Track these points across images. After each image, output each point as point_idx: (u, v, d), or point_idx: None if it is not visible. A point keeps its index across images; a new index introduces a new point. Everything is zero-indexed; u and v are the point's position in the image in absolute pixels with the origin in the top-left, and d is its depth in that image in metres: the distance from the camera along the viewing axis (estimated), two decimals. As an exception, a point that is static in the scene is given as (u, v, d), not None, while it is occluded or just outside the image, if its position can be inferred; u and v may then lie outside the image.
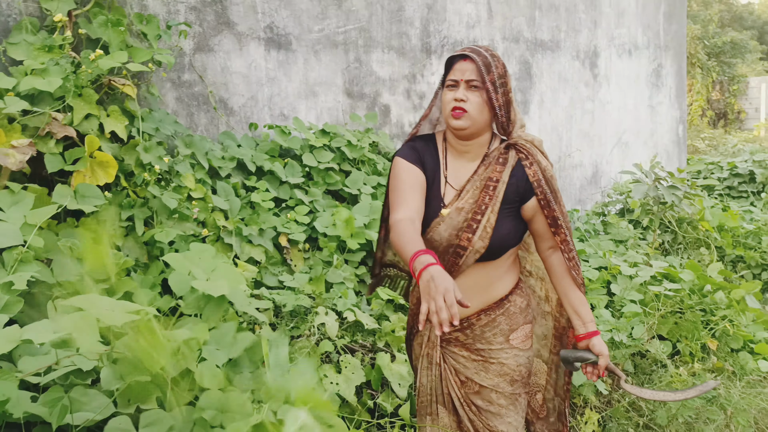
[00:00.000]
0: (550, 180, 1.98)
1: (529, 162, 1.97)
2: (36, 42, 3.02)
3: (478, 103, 1.94)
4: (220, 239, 3.36)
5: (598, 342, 2.03)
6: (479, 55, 1.94)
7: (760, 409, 3.18)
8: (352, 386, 2.78)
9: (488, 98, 1.94)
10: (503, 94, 1.95)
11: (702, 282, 3.98)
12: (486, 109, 1.96)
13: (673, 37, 7.65)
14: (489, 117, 1.98)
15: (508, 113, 1.98)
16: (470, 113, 1.94)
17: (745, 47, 19.73)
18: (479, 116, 1.95)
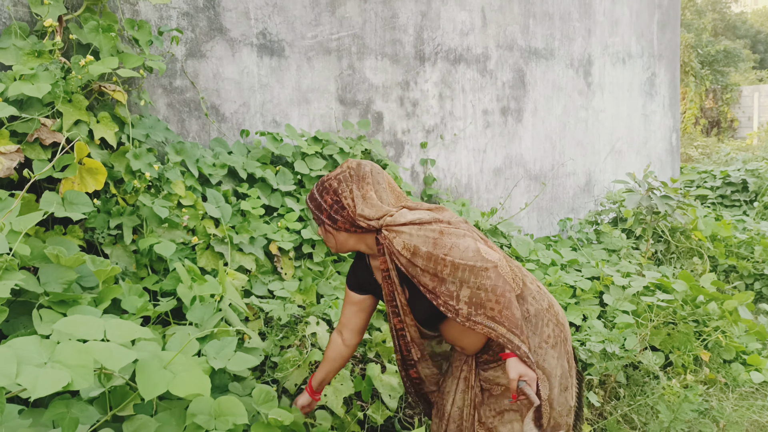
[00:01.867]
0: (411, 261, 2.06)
1: (389, 254, 2.13)
2: (25, 47, 2.98)
3: (330, 238, 2.23)
4: (210, 247, 3.33)
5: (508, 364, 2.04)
6: (311, 199, 2.23)
7: (753, 421, 3.17)
8: (340, 398, 2.75)
9: (335, 229, 2.19)
10: (341, 217, 2.14)
11: (695, 292, 3.97)
12: (340, 236, 2.20)
13: (667, 46, 7.66)
14: (349, 236, 2.20)
15: (355, 225, 2.14)
16: (336, 245, 2.25)
17: (738, 56, 19.83)
18: (343, 244, 2.23)
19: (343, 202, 2.14)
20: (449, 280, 2.02)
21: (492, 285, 2.01)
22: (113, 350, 1.53)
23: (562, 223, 6.12)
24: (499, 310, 2.01)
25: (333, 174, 2.20)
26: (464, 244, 2.04)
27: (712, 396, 3.33)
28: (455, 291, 2.02)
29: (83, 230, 3.02)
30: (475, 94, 5.51)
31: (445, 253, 2.02)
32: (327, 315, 3.30)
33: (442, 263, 2.02)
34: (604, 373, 3.33)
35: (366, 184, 2.17)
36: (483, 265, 2.02)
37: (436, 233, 2.06)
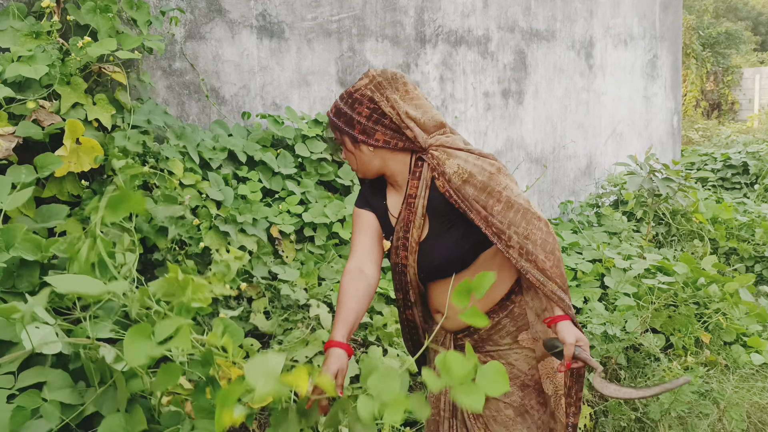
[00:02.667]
0: (460, 188, 1.88)
1: (436, 173, 1.91)
2: (23, 28, 2.96)
3: (359, 158, 1.98)
4: (214, 227, 3.32)
5: (562, 328, 1.85)
6: (338, 114, 1.96)
7: (753, 402, 3.18)
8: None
9: (368, 146, 1.94)
10: (382, 129, 1.91)
11: (696, 275, 3.97)
12: (372, 155, 1.96)
13: (669, 28, 7.61)
14: (383, 155, 1.96)
15: (400, 136, 1.92)
16: (359, 168, 2.02)
17: (740, 38, 19.73)
18: (368, 165, 1.99)
19: (383, 109, 1.90)
20: (498, 219, 1.85)
21: (542, 238, 1.86)
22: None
23: (563, 205, 6.12)
24: (551, 266, 1.86)
25: (360, 85, 1.94)
26: (517, 190, 1.90)
27: (712, 378, 3.34)
28: (505, 231, 1.85)
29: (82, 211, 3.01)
30: (476, 77, 5.48)
31: (501, 189, 1.86)
32: (328, 298, 3.30)
33: (496, 196, 1.85)
34: (605, 355, 3.34)
35: (406, 85, 1.95)
36: (536, 213, 1.88)
37: (494, 168, 1.90)
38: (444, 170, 1.88)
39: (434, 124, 1.94)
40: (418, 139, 1.91)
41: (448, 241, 1.97)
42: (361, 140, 1.92)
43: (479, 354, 2.09)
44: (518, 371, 2.05)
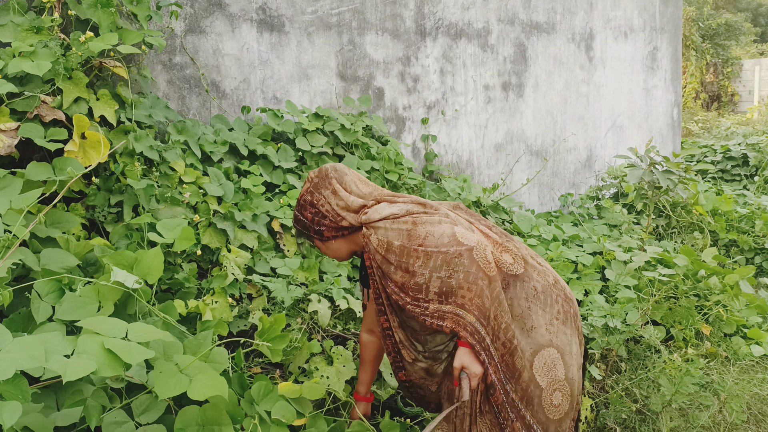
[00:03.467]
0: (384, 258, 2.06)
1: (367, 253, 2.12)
2: (24, 23, 2.96)
3: (329, 249, 2.25)
4: (213, 225, 3.33)
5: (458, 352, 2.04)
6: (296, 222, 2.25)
7: (753, 394, 3.19)
8: (342, 380, 2.76)
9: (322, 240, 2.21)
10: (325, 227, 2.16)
11: (696, 267, 3.98)
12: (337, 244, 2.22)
13: (669, 20, 7.60)
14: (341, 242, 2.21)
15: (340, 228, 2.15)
16: (332, 256, 2.29)
17: (740, 29, 19.66)
18: (338, 252, 2.26)
19: (321, 210, 2.15)
20: (419, 272, 1.99)
21: (465, 271, 1.97)
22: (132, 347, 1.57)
23: (564, 198, 6.12)
24: (470, 298, 1.97)
25: (303, 190, 2.21)
26: (439, 231, 2.02)
27: (713, 369, 3.35)
28: (424, 283, 1.99)
29: (85, 208, 3.02)
30: (476, 69, 5.47)
31: (419, 244, 2.00)
32: (329, 292, 3.30)
33: (414, 255, 2.00)
34: (605, 347, 3.35)
35: (332, 181, 2.17)
36: (456, 250, 1.98)
37: (409, 224, 2.04)
38: (370, 248, 2.09)
39: (358, 206, 2.15)
40: (353, 223, 2.14)
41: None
42: (316, 239, 2.21)
43: None
44: None
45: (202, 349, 1.93)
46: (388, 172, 4.34)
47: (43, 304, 2.03)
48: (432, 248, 1.98)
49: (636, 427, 3.01)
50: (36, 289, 2.06)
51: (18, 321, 2.02)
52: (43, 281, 2.08)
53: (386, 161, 4.37)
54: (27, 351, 1.45)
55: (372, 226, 2.08)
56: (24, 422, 1.61)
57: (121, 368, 1.52)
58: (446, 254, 1.97)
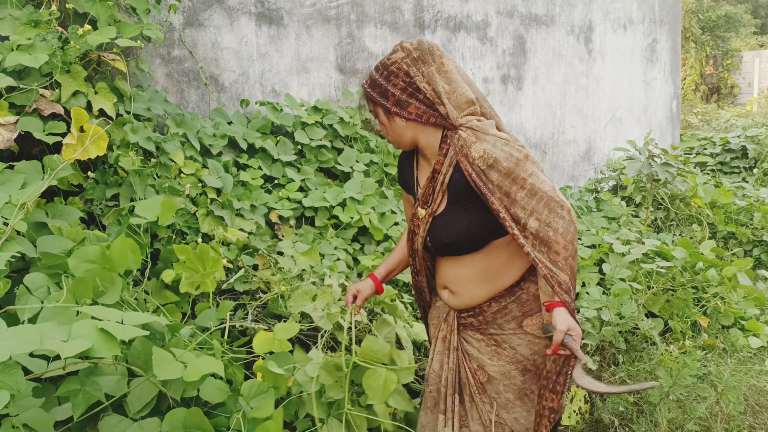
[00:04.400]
0: (484, 172, 1.88)
1: (462, 155, 1.92)
2: (22, 17, 2.95)
3: (392, 129, 2.03)
4: (211, 213, 3.33)
5: (556, 314, 1.87)
6: (372, 86, 2.01)
7: (751, 386, 3.21)
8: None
9: (401, 118, 1.98)
10: (416, 102, 1.95)
11: (694, 259, 3.99)
12: (405, 127, 2.00)
13: (669, 12, 7.58)
14: (414, 128, 2.00)
15: (433, 111, 1.95)
16: (392, 139, 2.07)
17: (739, 21, 19.62)
18: (401, 137, 2.04)
19: (417, 83, 1.93)
20: (520, 204, 1.86)
21: (564, 227, 1.86)
22: (125, 327, 1.57)
23: (562, 191, 6.12)
24: (565, 257, 1.86)
25: (395, 58, 1.96)
26: (543, 177, 1.90)
27: (710, 361, 3.37)
28: (523, 218, 1.85)
29: (83, 202, 3.03)
30: (475, 62, 5.47)
31: (526, 176, 1.86)
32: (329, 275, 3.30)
33: (521, 183, 1.85)
34: (601, 339, 3.36)
35: (441, 58, 1.95)
36: (560, 201, 1.88)
37: (521, 155, 1.89)
38: (469, 152, 1.89)
39: (465, 101, 1.95)
40: (450, 117, 1.93)
41: (461, 221, 2.00)
42: (394, 112, 1.96)
43: (483, 336, 2.12)
44: (520, 356, 2.07)
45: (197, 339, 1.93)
46: (387, 165, 4.34)
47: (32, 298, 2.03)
48: (538, 185, 1.86)
49: (633, 419, 3.03)
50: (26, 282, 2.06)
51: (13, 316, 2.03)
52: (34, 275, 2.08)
53: (385, 154, 4.38)
54: (22, 337, 1.45)
55: (477, 134, 1.90)
56: (23, 419, 1.61)
57: (117, 348, 1.52)
58: (550, 200, 1.86)
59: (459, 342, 2.17)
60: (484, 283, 2.07)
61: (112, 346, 1.50)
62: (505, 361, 2.09)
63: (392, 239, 3.89)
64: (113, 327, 1.54)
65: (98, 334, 1.50)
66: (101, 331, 1.52)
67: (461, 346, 2.17)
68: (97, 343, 1.48)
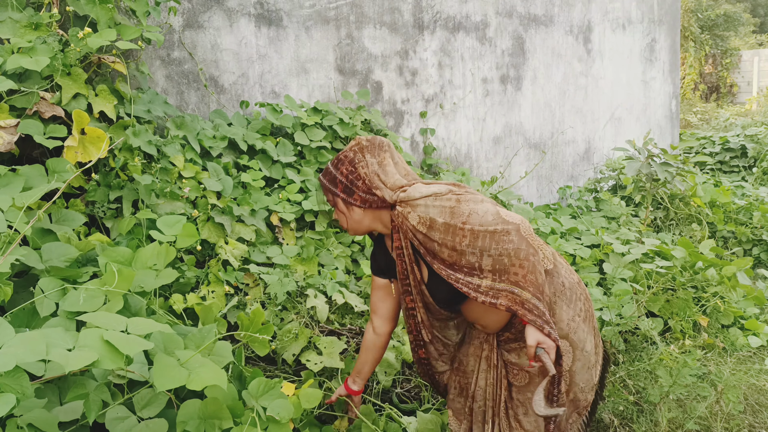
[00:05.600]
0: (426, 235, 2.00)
1: (403, 231, 2.07)
2: (22, 19, 2.96)
3: (350, 217, 2.15)
4: (211, 219, 3.34)
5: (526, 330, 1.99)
6: (325, 174, 2.16)
7: (750, 384, 3.21)
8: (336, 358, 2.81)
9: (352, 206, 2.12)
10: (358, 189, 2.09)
11: (694, 259, 4.00)
12: (362, 214, 2.13)
13: (667, 11, 7.59)
14: (370, 214, 2.14)
15: (372, 196, 2.09)
16: (350, 227, 2.19)
17: (738, 20, 19.62)
18: (358, 224, 2.17)
19: (359, 171, 2.08)
20: (468, 251, 1.94)
21: (515, 249, 1.93)
22: (131, 339, 1.58)
23: (562, 191, 6.13)
24: (523, 275, 1.93)
25: (347, 148, 2.13)
26: (483, 209, 1.97)
27: (710, 360, 3.37)
28: (476, 262, 1.95)
29: (84, 204, 3.03)
30: (474, 63, 5.48)
31: (464, 221, 1.94)
32: (324, 287, 3.31)
33: (460, 233, 1.94)
34: (602, 339, 3.37)
35: (383, 152, 2.11)
36: (504, 227, 1.94)
37: (453, 201, 1.98)
38: (407, 225, 2.03)
39: (398, 186, 2.09)
40: (386, 198, 2.07)
41: (442, 285, 2.12)
42: (342, 198, 2.11)
43: (519, 342, 2.21)
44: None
45: (204, 343, 1.94)
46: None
47: (46, 300, 2.05)
48: (477, 227, 1.94)
49: (634, 419, 3.04)
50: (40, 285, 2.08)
51: (21, 317, 2.04)
52: (47, 279, 2.10)
53: (385, 155, 4.38)
54: (29, 345, 1.47)
55: (410, 204, 2.02)
56: (28, 419, 1.63)
57: (121, 360, 1.54)
58: (494, 233, 1.93)
59: (499, 357, 2.29)
60: (491, 317, 2.18)
61: (116, 358, 1.51)
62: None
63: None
64: (119, 339, 1.55)
65: (103, 346, 1.52)
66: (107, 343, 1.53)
67: (503, 358, 2.28)
68: (102, 355, 1.49)
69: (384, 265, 2.30)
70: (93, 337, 1.55)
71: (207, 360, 1.81)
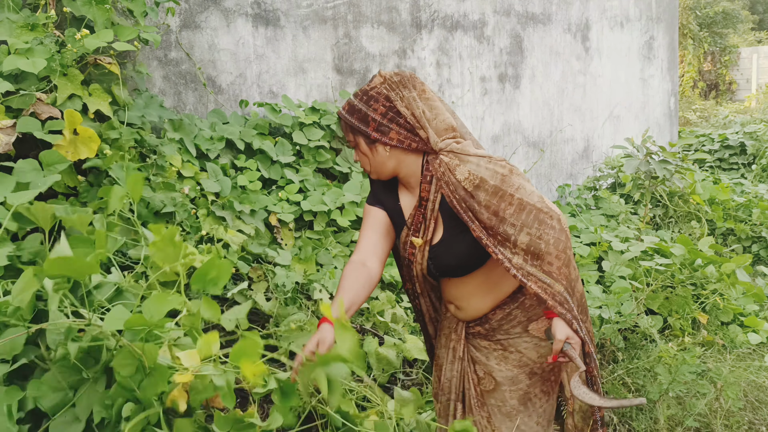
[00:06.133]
0: (470, 194, 1.86)
1: (444, 181, 1.89)
2: (19, 20, 2.95)
3: (373, 159, 1.96)
4: (212, 213, 3.33)
5: (555, 323, 1.88)
6: (351, 111, 1.94)
7: (750, 381, 3.21)
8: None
9: (383, 145, 1.92)
10: (397, 128, 1.90)
11: (693, 256, 4.00)
12: (387, 155, 1.94)
13: (666, 9, 7.59)
14: (397, 156, 1.95)
15: (414, 136, 1.91)
16: (373, 169, 1.99)
17: (737, 17, 19.64)
18: (382, 166, 1.97)
19: (398, 107, 1.88)
20: (509, 221, 1.83)
21: (555, 237, 1.85)
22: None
23: (561, 189, 6.13)
24: (558, 267, 1.86)
25: (376, 83, 1.93)
26: (530, 188, 1.88)
27: (709, 358, 3.37)
28: (513, 235, 1.83)
29: (80, 205, 3.03)
30: (472, 61, 5.47)
31: (513, 191, 1.84)
32: (324, 286, 3.31)
33: (508, 200, 1.83)
34: (601, 337, 3.37)
35: (421, 85, 1.93)
36: (549, 211, 1.86)
37: (506, 170, 1.87)
38: (450, 178, 1.87)
39: (445, 127, 1.93)
40: (431, 141, 1.90)
41: (460, 244, 1.98)
42: (374, 138, 1.90)
43: (490, 342, 2.13)
44: (527, 359, 2.09)
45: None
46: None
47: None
48: (526, 200, 1.84)
49: (633, 416, 3.04)
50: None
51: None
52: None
53: (383, 154, 4.38)
54: None
55: (460, 157, 1.88)
56: None
57: None
58: (539, 211, 1.84)
59: (466, 351, 2.19)
60: (487, 295, 2.07)
61: None
62: (512, 365, 2.10)
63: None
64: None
65: None
66: None
67: (469, 355, 2.19)
68: None
69: (387, 206, 2.10)
70: None
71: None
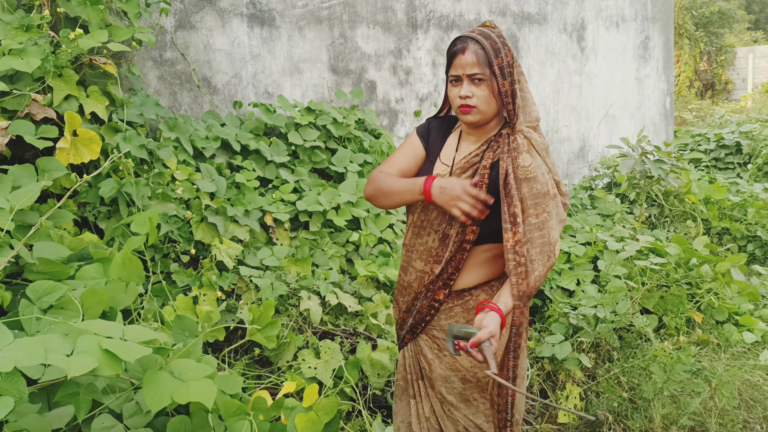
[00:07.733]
0: (520, 181, 1.85)
1: (509, 157, 1.87)
2: (13, 21, 2.95)
3: (485, 96, 1.88)
4: (205, 219, 3.33)
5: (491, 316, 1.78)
6: (486, 38, 1.87)
7: (744, 380, 3.22)
8: (329, 370, 2.78)
9: (495, 87, 1.88)
10: (510, 83, 1.88)
11: (688, 255, 4.01)
12: (494, 99, 1.90)
13: (661, 9, 7.60)
14: (497, 105, 1.92)
15: (513, 102, 1.89)
16: (479, 108, 1.90)
17: (733, 17, 19.66)
18: (488, 108, 1.90)
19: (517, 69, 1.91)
20: (525, 227, 1.83)
21: (539, 273, 1.87)
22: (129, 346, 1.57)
23: (557, 189, 6.13)
24: (535, 278, 1.87)
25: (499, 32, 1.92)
26: (556, 224, 1.92)
27: (704, 357, 3.38)
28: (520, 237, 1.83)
29: (77, 205, 3.03)
30: (468, 61, 5.47)
31: (545, 211, 1.87)
32: (317, 287, 3.29)
33: (539, 210, 1.86)
34: (596, 336, 3.38)
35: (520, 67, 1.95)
36: (553, 254, 1.90)
37: (554, 192, 1.91)
38: (517, 158, 1.87)
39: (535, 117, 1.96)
40: (515, 116, 1.90)
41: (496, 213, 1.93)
42: (489, 71, 1.85)
43: (427, 337, 2.08)
44: (459, 365, 2.03)
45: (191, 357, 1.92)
46: (381, 165, 4.34)
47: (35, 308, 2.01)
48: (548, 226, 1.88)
49: (628, 415, 3.04)
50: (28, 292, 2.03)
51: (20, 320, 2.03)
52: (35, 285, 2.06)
53: (379, 154, 4.38)
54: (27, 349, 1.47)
55: (533, 146, 1.90)
56: (22, 424, 1.62)
57: (119, 367, 1.53)
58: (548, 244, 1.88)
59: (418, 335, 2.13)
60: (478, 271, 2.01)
61: (115, 365, 1.51)
62: (445, 367, 2.05)
63: (386, 242, 3.89)
64: (117, 347, 1.55)
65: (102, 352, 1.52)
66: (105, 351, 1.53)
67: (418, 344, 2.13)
68: (100, 363, 1.49)
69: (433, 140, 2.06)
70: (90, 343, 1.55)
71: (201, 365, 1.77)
